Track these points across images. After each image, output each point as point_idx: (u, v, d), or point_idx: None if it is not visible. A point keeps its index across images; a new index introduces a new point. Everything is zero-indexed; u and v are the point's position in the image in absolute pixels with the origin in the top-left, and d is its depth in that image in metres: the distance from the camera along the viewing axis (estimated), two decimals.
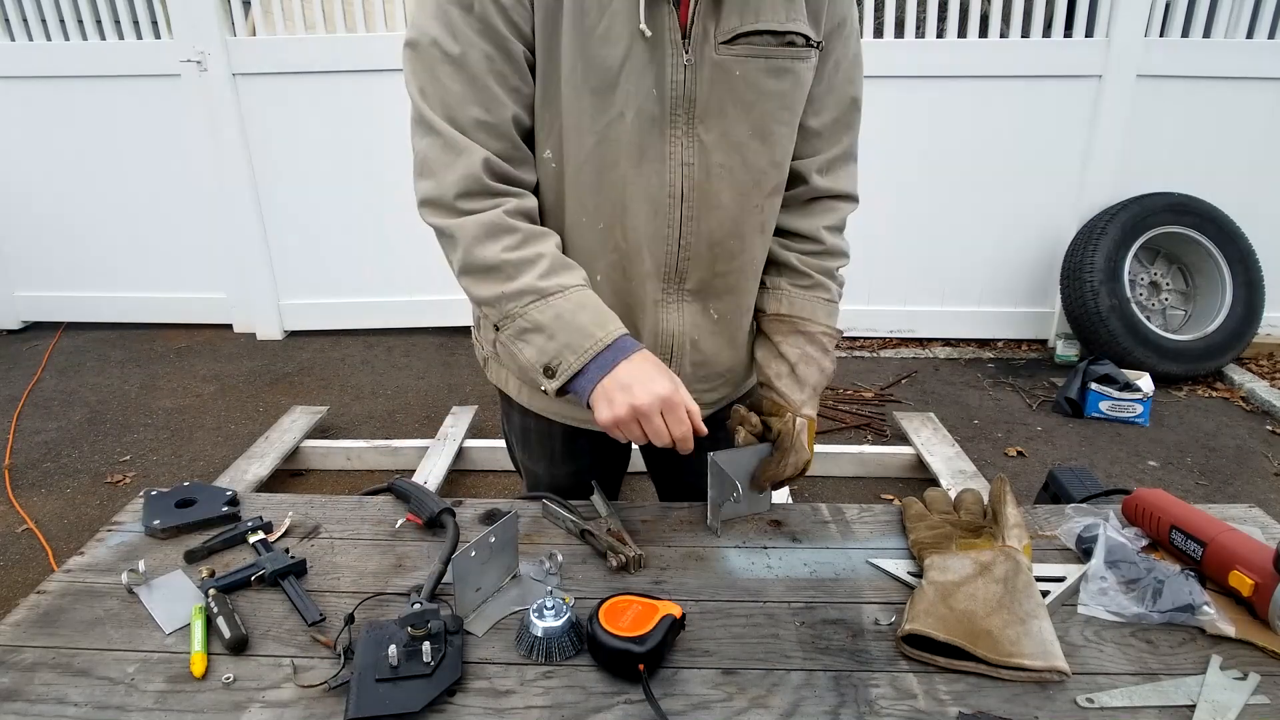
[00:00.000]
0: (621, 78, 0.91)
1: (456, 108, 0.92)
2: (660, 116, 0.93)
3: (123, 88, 3.79)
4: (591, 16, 0.89)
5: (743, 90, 0.94)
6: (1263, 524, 1.07)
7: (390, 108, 3.73)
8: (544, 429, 1.21)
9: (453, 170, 0.92)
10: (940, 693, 0.79)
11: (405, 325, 4.15)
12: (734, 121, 0.95)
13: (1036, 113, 3.60)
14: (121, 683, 0.80)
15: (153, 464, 2.94)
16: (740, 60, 0.92)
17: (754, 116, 0.96)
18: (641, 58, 0.91)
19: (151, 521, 1.06)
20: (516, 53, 0.91)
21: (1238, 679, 0.80)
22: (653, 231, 0.99)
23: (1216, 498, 2.67)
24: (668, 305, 1.05)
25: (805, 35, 0.94)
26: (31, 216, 4.05)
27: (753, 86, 0.94)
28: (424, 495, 1.10)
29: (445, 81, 0.91)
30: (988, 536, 0.97)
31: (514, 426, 1.27)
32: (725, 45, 0.91)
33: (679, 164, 0.96)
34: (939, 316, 3.98)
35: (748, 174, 0.99)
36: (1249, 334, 3.56)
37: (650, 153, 0.95)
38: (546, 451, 1.24)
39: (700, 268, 1.03)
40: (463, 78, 0.91)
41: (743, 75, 0.93)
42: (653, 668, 0.80)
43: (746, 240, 1.04)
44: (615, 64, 0.90)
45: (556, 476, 1.25)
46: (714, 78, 0.93)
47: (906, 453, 2.85)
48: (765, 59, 0.93)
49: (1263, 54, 3.49)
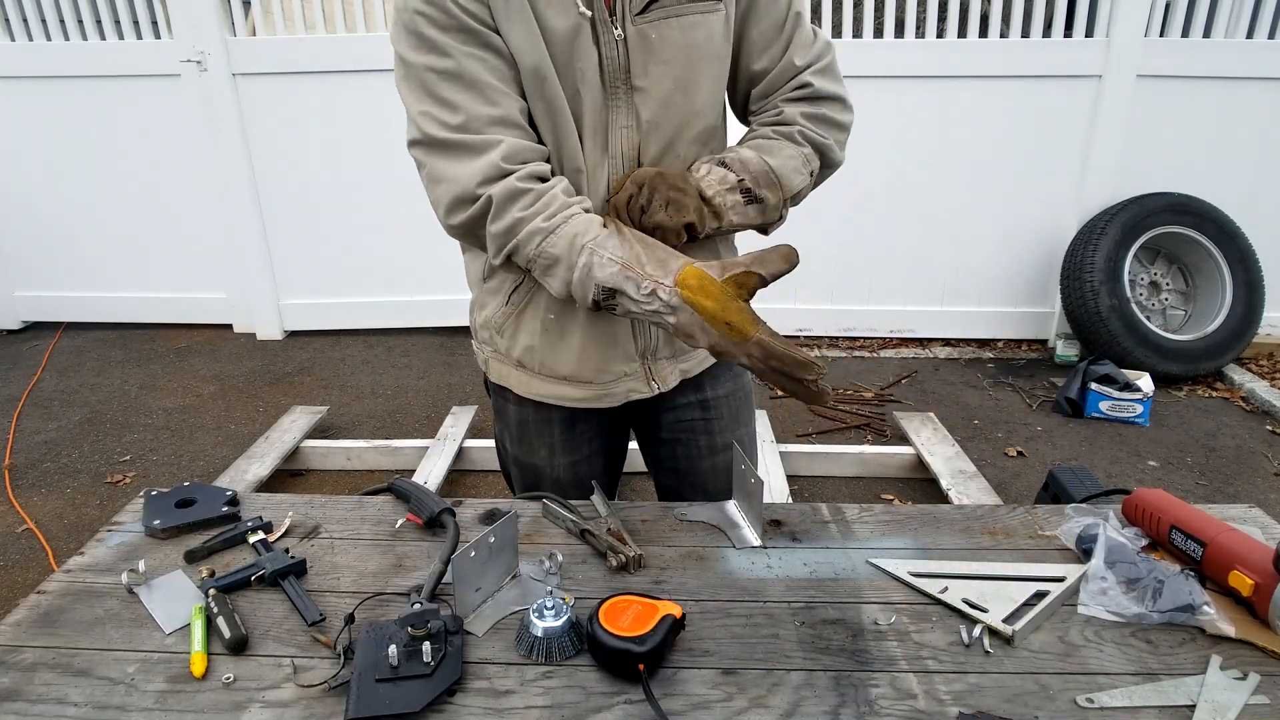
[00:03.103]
0: (573, 59, 0.98)
1: (466, 114, 0.96)
2: (603, 91, 1.01)
3: (123, 88, 3.79)
4: (539, 5, 0.95)
5: (660, 50, 1.01)
6: (1262, 524, 1.07)
7: (390, 108, 3.73)
8: (543, 417, 1.22)
9: (469, 167, 0.96)
10: (940, 692, 0.79)
11: (405, 325, 4.15)
12: (658, 79, 1.02)
13: (1036, 113, 3.60)
14: (121, 683, 0.80)
15: (153, 464, 2.94)
16: (654, 24, 1.00)
17: (675, 71, 1.02)
18: (585, 40, 0.97)
19: (151, 521, 1.06)
20: (499, 45, 0.97)
21: (1238, 679, 0.80)
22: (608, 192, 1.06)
23: (1216, 498, 2.67)
24: None
25: None
26: (31, 216, 4.05)
27: (668, 44, 1.01)
28: (424, 495, 1.10)
29: (448, 95, 0.96)
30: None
31: (509, 422, 1.27)
32: (640, 16, 0.99)
33: (619, 128, 1.04)
34: (939, 316, 3.98)
35: (671, 123, 1.05)
36: (1249, 334, 3.56)
37: (599, 123, 1.03)
38: (545, 441, 1.24)
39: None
40: (462, 84, 0.96)
41: (659, 37, 1.01)
42: (653, 668, 0.80)
43: None
44: (566, 45, 0.97)
45: (556, 468, 1.25)
46: (637, 46, 1.00)
47: (906, 453, 2.85)
48: (676, 18, 1.01)
49: (1263, 54, 3.49)
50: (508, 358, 1.20)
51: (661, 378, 1.19)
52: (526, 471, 1.30)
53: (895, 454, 2.86)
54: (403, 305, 4.10)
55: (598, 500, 1.12)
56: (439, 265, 3.91)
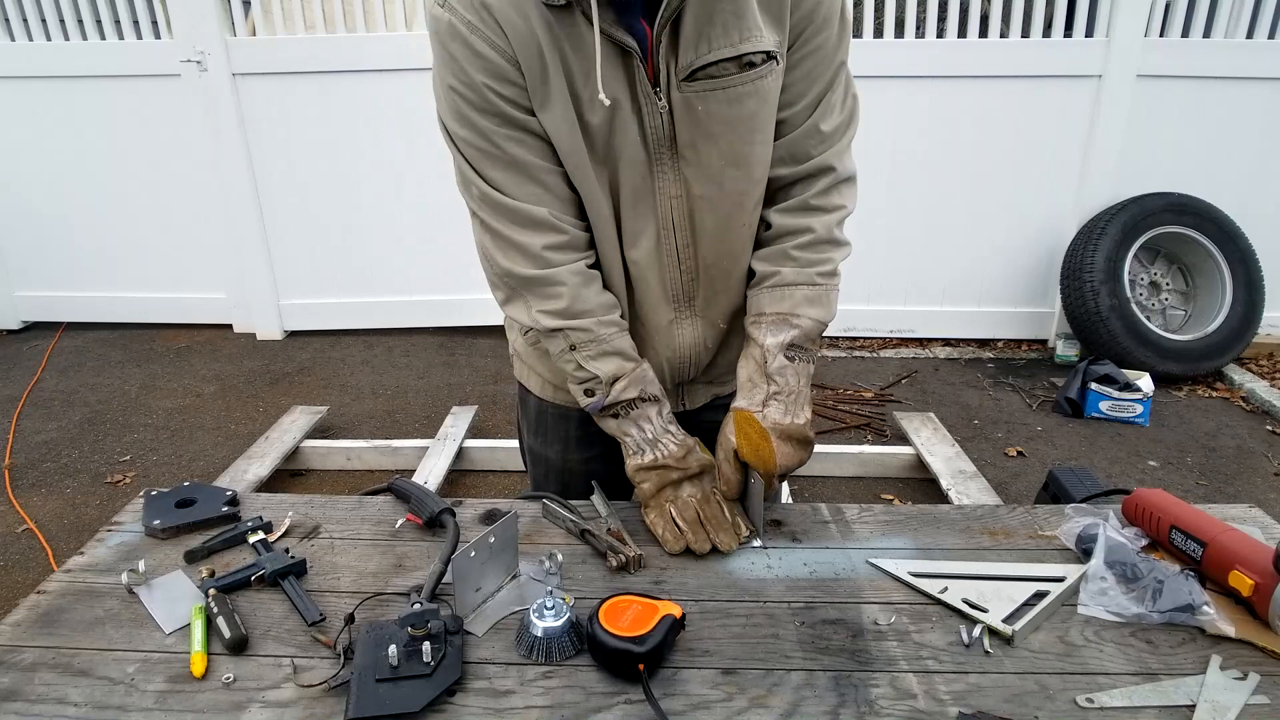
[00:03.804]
0: (611, 135, 0.96)
1: (515, 190, 0.98)
2: (647, 159, 0.99)
3: (123, 88, 3.79)
4: (577, 83, 0.93)
5: (708, 124, 0.96)
6: (1263, 524, 1.07)
7: (390, 107, 3.75)
8: (562, 413, 1.24)
9: (534, 236, 1.00)
10: (940, 692, 0.79)
11: (405, 325, 4.15)
12: (706, 154, 0.98)
13: (1036, 113, 3.60)
14: (121, 683, 0.80)
15: (153, 464, 2.94)
16: (700, 96, 0.94)
17: (723, 146, 0.98)
18: (624, 113, 0.95)
19: (151, 521, 1.06)
20: (537, 129, 0.96)
21: (1238, 679, 0.80)
22: (655, 262, 1.05)
23: (1216, 498, 2.67)
24: (681, 324, 1.12)
25: (764, 52, 0.93)
26: (31, 216, 4.06)
27: (716, 119, 0.95)
28: (424, 495, 1.10)
29: (493, 174, 0.98)
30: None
31: (529, 411, 1.29)
32: (685, 83, 0.93)
33: (668, 197, 1.02)
34: (939, 316, 3.98)
35: (727, 199, 1.02)
36: (1249, 334, 3.56)
37: (642, 191, 1.01)
38: (561, 435, 1.26)
39: (705, 288, 1.09)
40: (507, 166, 0.97)
41: (705, 110, 0.95)
42: (653, 668, 0.80)
43: (739, 258, 1.09)
44: (603, 125, 0.95)
45: (570, 462, 1.26)
46: (682, 115, 0.96)
47: (906, 453, 2.85)
48: (723, 89, 0.94)
49: (1263, 54, 3.49)
50: (533, 370, 1.23)
51: (692, 397, 1.22)
52: (539, 462, 1.31)
53: (895, 454, 2.86)
54: (402, 305, 4.10)
55: (598, 500, 1.12)
56: (438, 265, 3.92)
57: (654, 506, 1.05)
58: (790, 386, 1.04)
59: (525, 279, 1.02)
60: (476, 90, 0.93)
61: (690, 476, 1.07)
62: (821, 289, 1.06)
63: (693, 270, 1.07)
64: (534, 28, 0.90)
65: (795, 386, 1.05)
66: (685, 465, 1.06)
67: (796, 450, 1.04)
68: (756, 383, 1.05)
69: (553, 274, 1.01)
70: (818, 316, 1.06)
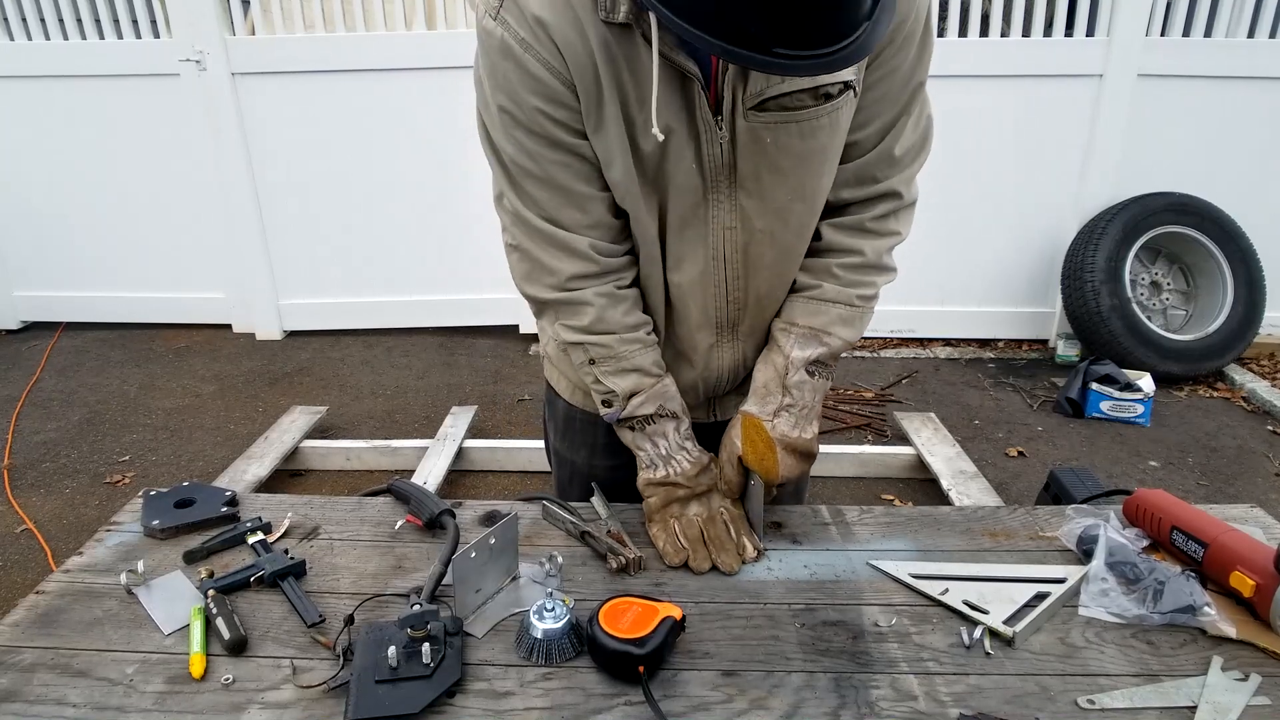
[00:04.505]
0: (664, 161, 0.92)
1: (554, 212, 0.96)
2: (701, 187, 0.95)
3: (122, 87, 3.79)
4: (632, 108, 0.89)
5: (776, 157, 0.91)
6: (1264, 524, 1.07)
7: (390, 107, 3.75)
8: (589, 419, 1.22)
9: (563, 262, 0.98)
10: (941, 694, 0.79)
11: (405, 325, 4.15)
12: (771, 187, 0.94)
13: (1037, 112, 3.59)
14: (120, 684, 0.80)
15: (152, 464, 2.94)
16: (769, 128, 0.89)
17: (792, 181, 0.94)
18: (679, 139, 0.90)
19: (150, 522, 1.06)
20: (588, 153, 0.94)
21: (1239, 680, 0.80)
22: (700, 290, 1.03)
23: (1217, 498, 2.67)
24: (721, 347, 1.10)
25: (843, 82, 0.88)
26: (31, 216, 4.05)
27: (785, 152, 0.91)
28: (424, 496, 1.10)
29: (534, 192, 0.95)
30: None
31: (557, 413, 1.28)
32: (753, 111, 0.88)
33: (721, 228, 0.98)
34: (939, 316, 3.98)
35: (789, 233, 1.00)
36: (1250, 334, 3.56)
37: (691, 220, 0.97)
38: (588, 441, 1.24)
39: (751, 316, 1.08)
40: (549, 188, 0.95)
41: (774, 142, 0.90)
42: (653, 669, 0.80)
43: (789, 284, 1.08)
44: (656, 151, 0.91)
45: (596, 468, 1.24)
46: (746, 145, 0.91)
47: (907, 453, 2.85)
48: (796, 123, 0.89)
49: (1263, 54, 3.49)
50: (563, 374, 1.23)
51: (724, 409, 1.20)
52: (564, 465, 1.30)
53: (896, 454, 2.86)
54: (402, 305, 4.09)
55: (598, 502, 1.12)
56: (439, 265, 3.92)
57: (658, 521, 1.05)
58: (804, 401, 1.04)
59: (547, 301, 1.02)
60: (528, 113, 0.89)
61: (699, 495, 1.06)
62: (858, 310, 1.05)
63: (741, 301, 1.05)
64: (591, 46, 0.85)
65: (809, 401, 1.05)
66: (695, 483, 1.05)
67: (800, 462, 1.05)
68: (772, 390, 1.04)
69: (577, 295, 1.00)
70: (847, 337, 1.06)
